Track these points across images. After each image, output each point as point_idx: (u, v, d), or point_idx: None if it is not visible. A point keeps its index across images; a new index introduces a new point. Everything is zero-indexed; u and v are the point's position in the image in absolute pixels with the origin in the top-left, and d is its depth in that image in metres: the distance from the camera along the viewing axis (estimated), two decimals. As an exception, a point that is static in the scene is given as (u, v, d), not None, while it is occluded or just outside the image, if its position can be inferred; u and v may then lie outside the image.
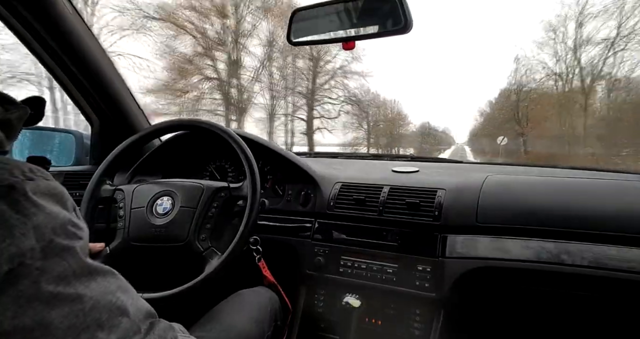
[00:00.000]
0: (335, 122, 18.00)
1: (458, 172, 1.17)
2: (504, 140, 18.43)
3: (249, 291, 0.91)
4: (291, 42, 0.91)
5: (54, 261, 0.31)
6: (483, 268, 0.90)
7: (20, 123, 0.40)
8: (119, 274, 0.38)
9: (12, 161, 0.34)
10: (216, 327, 0.75)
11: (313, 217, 1.11)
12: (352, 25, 0.84)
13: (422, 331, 0.94)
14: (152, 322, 0.40)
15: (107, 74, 1.13)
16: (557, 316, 0.99)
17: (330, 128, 18.02)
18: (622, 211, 0.84)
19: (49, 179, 0.35)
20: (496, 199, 0.95)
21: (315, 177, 1.13)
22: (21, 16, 0.89)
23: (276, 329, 0.90)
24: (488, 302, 1.01)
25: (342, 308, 0.98)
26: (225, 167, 1.27)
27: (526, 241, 0.88)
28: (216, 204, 0.86)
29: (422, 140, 26.94)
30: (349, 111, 18.64)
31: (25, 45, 0.98)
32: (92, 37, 1.05)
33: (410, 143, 25.21)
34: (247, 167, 0.86)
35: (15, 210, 0.30)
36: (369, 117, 20.92)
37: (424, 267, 0.94)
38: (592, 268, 0.81)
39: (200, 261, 0.82)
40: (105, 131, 1.26)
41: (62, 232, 0.33)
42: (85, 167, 1.27)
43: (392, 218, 1.00)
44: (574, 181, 1.00)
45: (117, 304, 0.35)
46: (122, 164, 0.98)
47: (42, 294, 0.30)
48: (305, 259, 1.07)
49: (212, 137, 0.91)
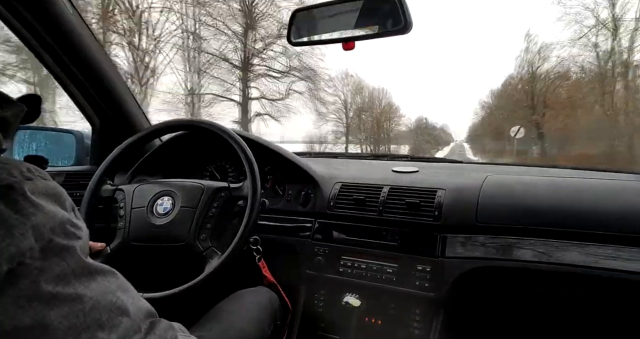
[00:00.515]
0: (294, 111, 13.81)
1: (458, 172, 1.17)
2: (520, 131, 14.22)
3: (249, 291, 0.92)
4: (291, 42, 0.91)
5: (53, 260, 0.31)
6: (483, 268, 0.90)
7: (17, 121, 0.40)
8: (119, 274, 0.39)
9: (11, 160, 0.34)
10: (216, 327, 0.75)
11: (313, 217, 1.11)
12: (352, 26, 0.83)
13: (422, 331, 0.94)
14: (153, 322, 0.40)
15: (107, 74, 1.13)
16: (556, 316, 0.99)
17: (280, 115, 13.76)
18: (621, 211, 0.84)
19: (47, 179, 0.35)
20: (496, 199, 0.95)
21: (316, 177, 1.13)
22: (21, 16, 0.89)
23: (276, 328, 0.90)
24: (488, 302, 1.01)
25: (342, 307, 0.98)
26: (225, 168, 1.27)
27: (526, 241, 0.88)
28: (216, 204, 0.86)
29: (416, 138, 24.64)
30: (311, 94, 14.30)
31: (26, 45, 0.98)
32: (93, 37, 1.05)
33: (403, 140, 22.71)
34: (248, 167, 0.86)
35: (14, 210, 0.30)
36: (347, 105, 17.67)
37: (424, 267, 0.94)
38: (591, 268, 0.81)
39: (200, 260, 0.82)
40: (106, 131, 1.26)
41: (61, 232, 0.33)
42: (85, 167, 1.27)
43: (392, 218, 1.00)
44: (574, 181, 1.00)
45: (118, 304, 0.35)
46: (123, 164, 0.99)
47: (42, 294, 0.30)
48: (305, 259, 1.07)
49: (213, 137, 0.92)
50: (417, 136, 25.18)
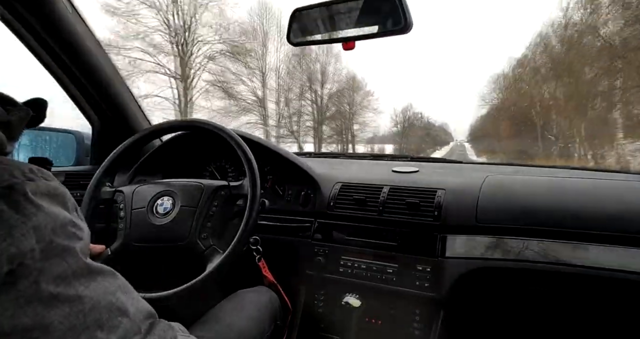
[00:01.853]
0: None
1: (458, 172, 1.17)
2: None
3: (249, 291, 0.92)
4: (291, 42, 0.91)
5: (53, 261, 0.31)
6: (482, 268, 0.90)
7: (21, 125, 0.40)
8: (119, 275, 0.39)
9: (13, 161, 0.34)
10: (216, 327, 0.75)
11: (313, 217, 1.11)
12: (352, 25, 0.83)
13: (422, 331, 0.94)
14: (152, 322, 0.40)
15: (107, 74, 1.13)
16: (556, 316, 0.99)
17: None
18: (621, 211, 0.84)
19: (50, 180, 0.35)
20: (496, 199, 0.95)
21: (316, 177, 1.13)
22: (20, 16, 0.89)
23: (276, 328, 0.90)
24: (487, 302, 1.01)
25: (342, 307, 0.98)
26: (225, 168, 1.27)
27: (526, 241, 0.88)
28: (216, 203, 0.86)
29: (403, 132, 20.74)
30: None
31: (25, 45, 0.98)
32: (92, 36, 1.05)
33: (389, 140, 19.36)
34: (247, 167, 0.86)
35: (15, 210, 0.30)
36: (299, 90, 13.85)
37: (424, 267, 0.94)
38: (591, 268, 0.81)
39: (201, 260, 0.82)
40: (106, 131, 1.26)
41: (62, 233, 0.33)
42: (85, 168, 1.27)
43: (392, 218, 1.00)
44: (573, 181, 1.00)
45: (117, 304, 0.35)
46: (123, 164, 0.99)
47: (42, 295, 0.30)
48: (305, 259, 1.07)
49: (212, 137, 0.92)
50: (405, 130, 21.55)
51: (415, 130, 23.66)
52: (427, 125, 26.95)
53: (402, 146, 20.59)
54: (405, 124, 22.73)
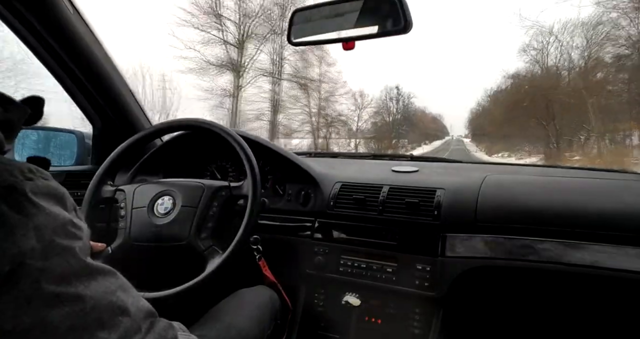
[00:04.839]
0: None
1: (457, 172, 1.17)
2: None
3: (249, 290, 0.92)
4: (291, 42, 0.91)
5: (54, 261, 0.32)
6: (482, 267, 0.90)
7: (20, 123, 0.40)
8: (119, 274, 0.39)
9: (12, 161, 0.34)
10: (216, 326, 0.76)
11: (313, 216, 1.11)
12: (352, 26, 0.84)
13: (422, 330, 0.95)
14: (153, 321, 0.40)
15: (108, 73, 1.13)
16: (556, 315, 0.99)
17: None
18: (621, 211, 0.84)
19: (49, 180, 0.36)
20: (495, 199, 0.95)
21: (316, 177, 1.13)
22: (21, 16, 0.89)
23: (276, 328, 0.91)
24: (487, 301, 1.02)
25: (342, 307, 0.98)
26: (226, 167, 1.28)
27: (525, 240, 0.88)
28: (217, 203, 0.86)
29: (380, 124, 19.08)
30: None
31: (26, 45, 0.98)
32: (94, 36, 1.05)
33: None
34: (248, 167, 0.86)
35: (16, 210, 0.31)
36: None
37: (424, 266, 0.94)
38: (591, 267, 0.81)
39: (201, 260, 0.82)
40: (107, 130, 1.26)
41: (62, 233, 0.33)
42: (86, 167, 1.27)
43: (392, 218, 1.01)
44: (573, 181, 1.00)
45: (118, 303, 0.36)
46: (123, 164, 0.99)
47: (43, 294, 0.30)
48: (305, 258, 1.07)
49: (213, 137, 0.92)
50: (384, 121, 19.30)
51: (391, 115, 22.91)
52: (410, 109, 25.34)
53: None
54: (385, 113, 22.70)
